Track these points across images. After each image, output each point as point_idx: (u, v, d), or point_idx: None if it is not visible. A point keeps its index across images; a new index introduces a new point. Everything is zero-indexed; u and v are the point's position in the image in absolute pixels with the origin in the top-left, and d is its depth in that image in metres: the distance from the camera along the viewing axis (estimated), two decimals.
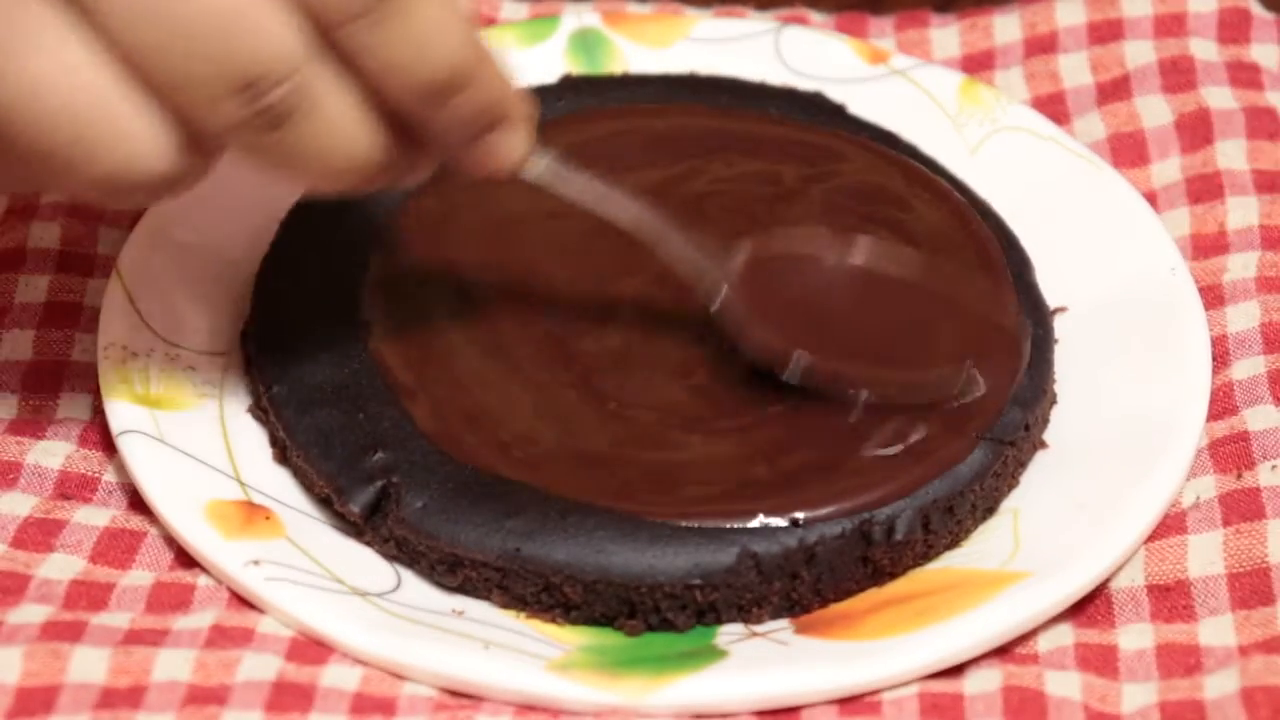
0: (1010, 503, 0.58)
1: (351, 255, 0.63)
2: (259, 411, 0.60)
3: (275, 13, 0.48)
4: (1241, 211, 0.65)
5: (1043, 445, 0.60)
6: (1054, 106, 0.70)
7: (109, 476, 0.59)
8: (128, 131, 0.49)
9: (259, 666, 0.53)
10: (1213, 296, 0.63)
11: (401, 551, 0.57)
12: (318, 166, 0.51)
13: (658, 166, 0.66)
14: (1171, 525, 0.57)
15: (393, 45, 0.50)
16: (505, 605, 0.56)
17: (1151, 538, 0.57)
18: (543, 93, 0.68)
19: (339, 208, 0.64)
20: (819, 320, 0.59)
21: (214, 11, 0.48)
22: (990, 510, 0.58)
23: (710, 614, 0.55)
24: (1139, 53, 0.70)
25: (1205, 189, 0.66)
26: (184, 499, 0.56)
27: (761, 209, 0.64)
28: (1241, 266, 0.63)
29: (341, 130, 0.50)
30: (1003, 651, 0.54)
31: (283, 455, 0.59)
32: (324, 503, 0.58)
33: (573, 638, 0.55)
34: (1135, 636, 0.55)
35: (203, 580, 0.56)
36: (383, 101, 0.51)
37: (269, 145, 0.50)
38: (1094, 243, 0.64)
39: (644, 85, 0.69)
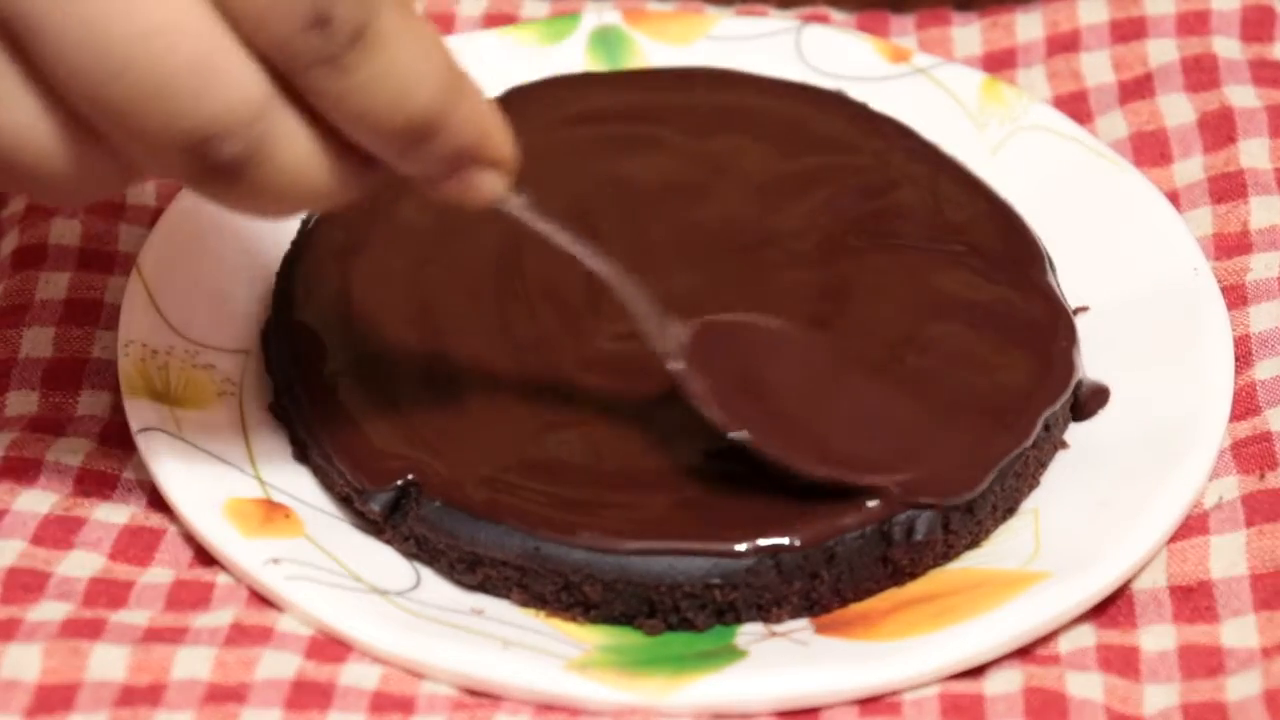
0: (1031, 503, 0.58)
1: (374, 255, 0.63)
2: (279, 409, 0.60)
3: (235, 62, 0.45)
4: (1264, 211, 0.64)
5: (1063, 445, 0.60)
6: (1076, 105, 0.70)
7: (129, 474, 0.59)
8: (56, 167, 0.46)
9: (278, 665, 0.53)
10: (1235, 296, 0.62)
11: (421, 550, 0.57)
12: (270, 208, 0.48)
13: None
14: (1194, 526, 0.57)
15: (361, 92, 0.46)
16: (524, 604, 0.56)
17: (1174, 538, 0.56)
18: None
19: (362, 207, 0.64)
20: (776, 395, 0.56)
21: (168, 61, 0.44)
22: (1011, 510, 0.58)
23: (730, 613, 0.55)
24: (1162, 51, 0.70)
25: (1228, 188, 0.66)
26: (203, 497, 0.56)
27: (781, 199, 0.64)
28: (1264, 266, 0.63)
29: (298, 173, 0.47)
30: (1024, 652, 0.54)
31: (302, 453, 0.59)
32: (344, 501, 0.58)
33: (592, 637, 0.55)
34: (1157, 637, 0.54)
35: (222, 578, 0.56)
36: (347, 140, 0.48)
37: (219, 191, 0.47)
38: (1116, 242, 0.64)
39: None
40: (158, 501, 0.58)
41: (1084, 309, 0.63)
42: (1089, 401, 0.60)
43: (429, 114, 0.47)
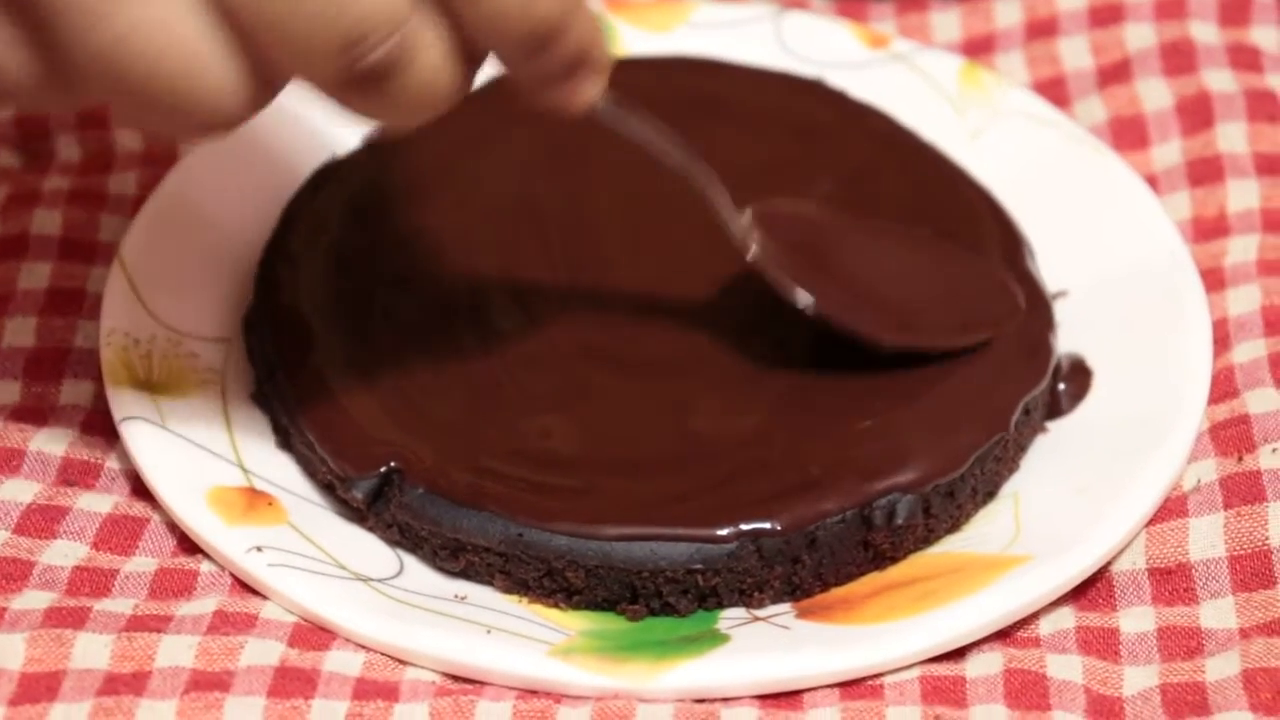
0: (1011, 486, 0.58)
1: (356, 242, 0.63)
2: (261, 398, 0.60)
3: None
4: (1242, 194, 0.65)
5: (1043, 429, 0.60)
6: (1055, 90, 0.70)
7: (112, 463, 0.59)
8: (215, 84, 0.48)
9: (262, 652, 0.53)
10: (1213, 280, 0.63)
11: (404, 537, 0.57)
12: (403, 114, 0.50)
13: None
14: (1172, 508, 0.57)
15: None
16: (507, 590, 0.56)
17: (1152, 521, 0.57)
18: None
19: (343, 195, 0.64)
20: (847, 275, 0.60)
21: None
22: (991, 494, 0.58)
23: (712, 598, 0.55)
24: (1139, 36, 0.70)
25: (1206, 172, 0.66)
26: (186, 485, 0.56)
27: (759, 187, 0.64)
28: (1242, 250, 0.63)
29: (433, 80, 0.49)
30: (1004, 635, 0.54)
31: (285, 441, 0.59)
32: (326, 489, 0.58)
33: (574, 622, 0.55)
34: (1136, 619, 0.55)
35: (205, 566, 0.56)
36: (473, 47, 0.50)
37: (360, 97, 0.49)
38: (1095, 226, 0.64)
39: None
40: (141, 490, 0.58)
41: (1063, 293, 0.63)
42: (1071, 385, 0.60)
43: (552, 20, 0.50)
